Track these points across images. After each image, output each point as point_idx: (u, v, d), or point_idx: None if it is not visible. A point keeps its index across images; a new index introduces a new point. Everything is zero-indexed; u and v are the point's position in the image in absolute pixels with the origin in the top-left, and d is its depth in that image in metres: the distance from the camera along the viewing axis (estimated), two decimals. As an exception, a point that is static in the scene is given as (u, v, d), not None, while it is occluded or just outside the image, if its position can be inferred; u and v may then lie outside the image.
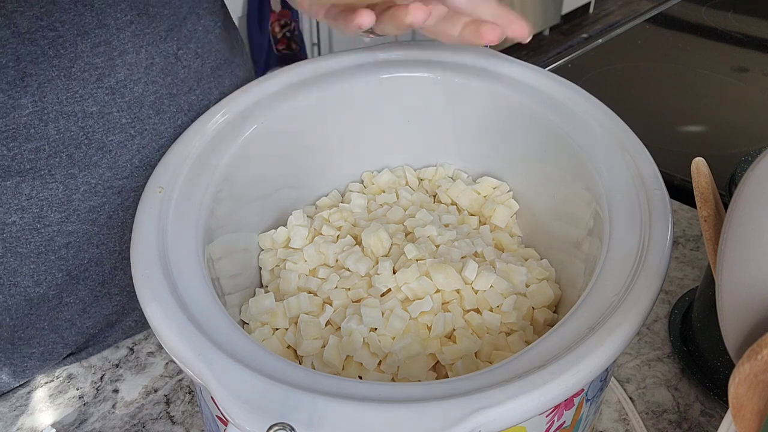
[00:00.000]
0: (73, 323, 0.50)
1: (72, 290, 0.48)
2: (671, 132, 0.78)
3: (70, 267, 0.47)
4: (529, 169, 0.47)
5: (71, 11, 0.41)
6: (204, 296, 0.33)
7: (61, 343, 0.50)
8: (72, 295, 0.48)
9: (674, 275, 0.56)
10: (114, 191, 0.46)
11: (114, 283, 0.50)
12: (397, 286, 0.40)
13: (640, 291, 0.32)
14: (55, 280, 0.47)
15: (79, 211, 0.45)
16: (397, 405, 0.28)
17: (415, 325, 0.38)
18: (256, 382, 0.28)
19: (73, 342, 0.50)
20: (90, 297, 0.49)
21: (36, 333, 0.49)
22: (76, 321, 0.50)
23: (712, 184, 0.33)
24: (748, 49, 0.96)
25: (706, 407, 0.47)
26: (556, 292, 0.42)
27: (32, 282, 0.46)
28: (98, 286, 0.49)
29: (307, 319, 0.39)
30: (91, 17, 0.42)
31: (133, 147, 0.46)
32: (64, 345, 0.50)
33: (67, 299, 0.48)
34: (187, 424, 0.46)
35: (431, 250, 0.42)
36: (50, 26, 0.41)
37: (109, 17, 0.43)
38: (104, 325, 0.51)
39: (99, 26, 0.43)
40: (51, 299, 0.48)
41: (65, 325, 0.49)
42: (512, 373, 0.29)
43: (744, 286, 0.27)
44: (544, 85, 0.45)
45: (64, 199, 0.44)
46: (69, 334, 0.50)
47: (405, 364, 0.37)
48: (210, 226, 0.38)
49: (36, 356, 0.49)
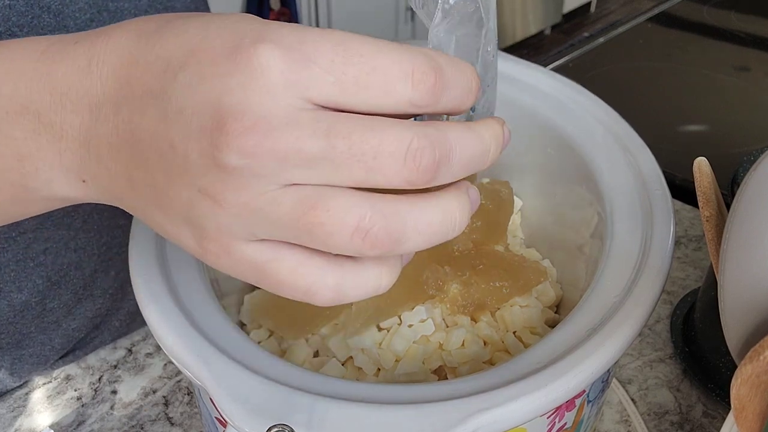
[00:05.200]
0: (59, 326, 0.49)
1: (54, 295, 0.48)
2: (673, 131, 0.78)
3: (50, 272, 0.47)
4: (530, 169, 0.47)
5: (28, 14, 0.40)
6: (203, 297, 0.33)
7: (48, 345, 0.50)
8: (55, 300, 0.48)
9: (676, 275, 0.56)
10: None
11: (96, 285, 0.50)
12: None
13: (642, 291, 0.32)
14: (36, 286, 0.47)
15: (54, 217, 0.45)
16: (397, 406, 0.27)
17: (420, 341, 0.38)
18: (255, 384, 0.28)
19: (60, 345, 0.50)
20: (73, 300, 0.49)
21: (22, 338, 0.48)
22: (62, 324, 0.50)
23: (715, 183, 0.33)
24: (750, 49, 0.95)
25: (708, 408, 0.46)
26: (557, 293, 0.42)
27: (14, 288, 0.46)
28: (80, 290, 0.49)
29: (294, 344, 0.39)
30: (49, 19, 0.41)
31: None
32: (52, 348, 0.50)
33: (51, 304, 0.48)
34: (186, 425, 0.46)
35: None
36: (9, 31, 0.39)
37: (68, 18, 0.41)
38: (90, 328, 0.51)
39: (58, 28, 0.41)
40: (34, 306, 0.47)
41: (51, 328, 0.49)
42: (513, 374, 0.29)
43: (746, 287, 0.27)
44: (546, 84, 0.45)
45: None
46: (56, 337, 0.50)
47: (406, 376, 0.37)
48: (209, 227, 0.38)
49: (26, 359, 0.49)
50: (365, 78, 0.21)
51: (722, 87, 0.87)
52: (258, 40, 0.21)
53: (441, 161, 0.21)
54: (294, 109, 0.20)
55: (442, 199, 0.22)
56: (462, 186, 0.23)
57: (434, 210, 0.22)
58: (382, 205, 0.21)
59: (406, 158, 0.20)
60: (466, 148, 0.22)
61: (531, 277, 0.40)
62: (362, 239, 0.21)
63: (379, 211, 0.21)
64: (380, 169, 0.20)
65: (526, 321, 0.39)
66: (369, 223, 0.20)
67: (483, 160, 0.23)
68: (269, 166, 0.20)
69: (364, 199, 0.21)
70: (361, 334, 0.37)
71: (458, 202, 0.22)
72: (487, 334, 0.38)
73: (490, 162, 0.23)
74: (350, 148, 0.20)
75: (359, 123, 0.21)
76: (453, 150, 0.21)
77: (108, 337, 0.53)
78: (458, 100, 0.23)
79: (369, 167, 0.20)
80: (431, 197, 0.22)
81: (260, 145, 0.20)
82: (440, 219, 0.22)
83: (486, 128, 0.23)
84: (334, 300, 0.22)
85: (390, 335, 0.38)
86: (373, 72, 0.21)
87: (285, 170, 0.20)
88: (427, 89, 0.21)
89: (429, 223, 0.22)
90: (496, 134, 0.23)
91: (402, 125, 0.21)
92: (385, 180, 0.21)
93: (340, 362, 0.38)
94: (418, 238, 0.22)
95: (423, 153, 0.21)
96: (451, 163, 0.21)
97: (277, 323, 0.39)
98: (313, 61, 0.20)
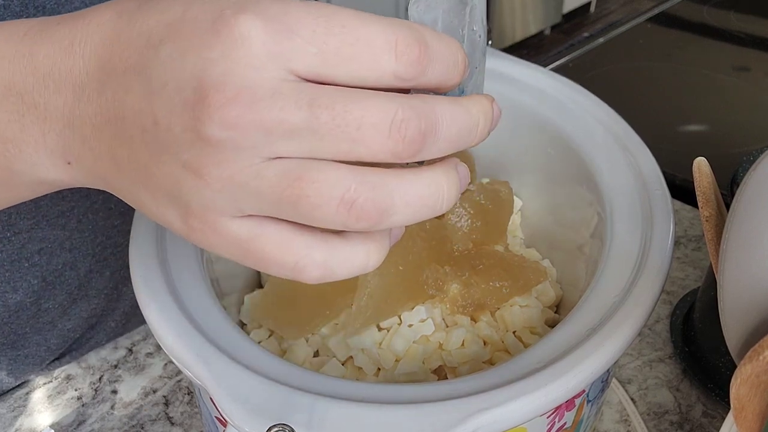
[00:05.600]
0: (54, 326, 0.49)
1: (49, 295, 0.48)
2: (673, 131, 0.78)
3: (44, 272, 0.47)
4: (530, 169, 0.47)
5: (23, 14, 0.39)
6: (203, 297, 0.33)
7: (44, 346, 0.50)
8: (50, 300, 0.48)
9: (676, 275, 0.56)
10: (82, 195, 0.45)
11: (91, 285, 0.50)
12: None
13: (642, 291, 0.32)
14: (31, 286, 0.47)
15: (49, 217, 0.45)
16: (397, 406, 0.28)
17: (420, 341, 0.38)
18: (255, 383, 0.28)
19: (56, 345, 0.50)
20: (68, 301, 0.49)
21: (18, 339, 0.48)
22: (57, 324, 0.49)
23: (714, 183, 0.33)
24: (749, 49, 0.95)
25: (708, 408, 0.46)
26: (557, 293, 0.42)
27: (9, 288, 0.46)
28: (75, 290, 0.49)
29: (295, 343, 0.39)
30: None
31: None
32: (48, 349, 0.50)
33: (46, 304, 0.48)
34: (186, 425, 0.46)
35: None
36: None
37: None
38: (85, 328, 0.51)
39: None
40: (29, 306, 0.47)
41: (47, 328, 0.49)
42: (513, 374, 0.29)
43: (746, 287, 0.27)
44: (545, 84, 0.45)
45: (32, 206, 0.43)
46: (51, 337, 0.50)
47: (405, 376, 0.37)
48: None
49: (21, 359, 0.49)
50: (348, 49, 0.20)
51: (722, 87, 0.87)
52: (239, 11, 0.20)
53: (427, 133, 0.21)
54: (277, 81, 0.20)
55: (430, 172, 0.22)
56: (451, 161, 0.23)
57: (422, 183, 0.21)
58: (369, 177, 0.21)
59: (390, 129, 0.20)
60: (454, 122, 0.22)
61: (531, 277, 0.40)
62: (348, 211, 0.20)
63: (365, 182, 0.20)
64: (364, 141, 0.20)
65: (526, 321, 0.39)
66: (355, 194, 0.20)
67: (471, 135, 0.23)
68: (252, 138, 0.20)
69: (349, 171, 0.20)
70: (361, 334, 0.37)
71: (447, 177, 0.22)
72: (487, 334, 0.38)
73: (479, 138, 0.23)
74: (333, 119, 0.20)
75: (342, 94, 0.20)
76: (439, 122, 0.21)
77: (104, 337, 0.53)
78: (444, 75, 0.22)
79: (353, 138, 0.20)
80: (419, 170, 0.22)
81: (243, 116, 0.20)
82: (428, 192, 0.22)
83: (474, 103, 0.23)
84: (322, 277, 0.22)
85: (390, 335, 0.38)
86: (356, 43, 0.20)
87: (269, 142, 0.20)
88: (412, 61, 0.21)
89: (417, 196, 0.21)
90: (485, 110, 0.23)
91: (386, 96, 0.21)
92: (369, 152, 0.20)
93: (340, 362, 0.38)
94: (406, 211, 0.21)
95: (408, 124, 0.20)
96: (438, 136, 0.21)
97: (277, 323, 0.39)
98: (295, 32, 0.20)
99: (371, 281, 0.37)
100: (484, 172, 0.49)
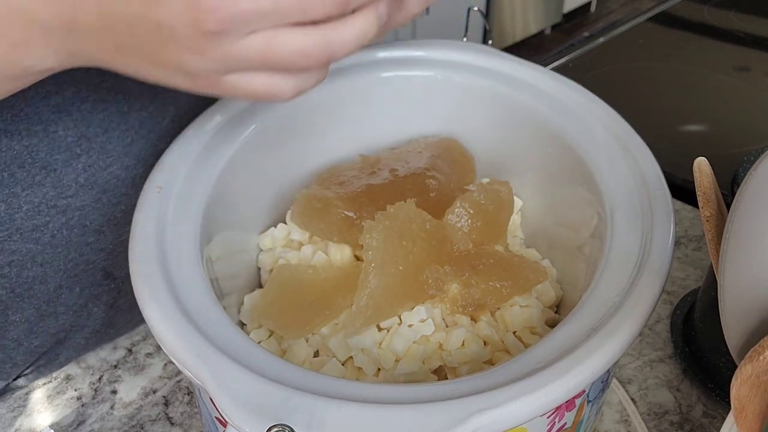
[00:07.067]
0: (20, 343, 0.49)
1: (17, 308, 0.47)
2: (673, 131, 0.78)
3: (13, 285, 0.46)
4: (530, 168, 0.47)
5: None
6: (203, 297, 0.33)
7: (9, 363, 0.49)
8: (17, 313, 0.47)
9: (676, 275, 0.56)
10: (58, 210, 0.45)
11: (60, 301, 0.49)
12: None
13: (642, 291, 0.32)
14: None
15: (22, 230, 0.44)
16: (398, 406, 0.28)
17: (419, 341, 0.38)
18: (255, 384, 0.28)
19: (22, 361, 0.49)
20: (36, 316, 0.48)
21: None
22: (23, 341, 0.49)
23: (715, 183, 0.33)
24: (750, 48, 0.95)
25: (708, 408, 0.46)
26: (557, 293, 0.42)
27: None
28: (43, 305, 0.48)
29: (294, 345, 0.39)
30: None
31: (78, 166, 0.44)
32: (13, 365, 0.49)
33: (13, 317, 0.47)
34: (186, 425, 0.46)
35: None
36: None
37: None
38: (53, 344, 0.50)
39: None
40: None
41: (12, 345, 0.48)
42: (513, 374, 0.29)
43: (746, 287, 0.27)
44: (545, 84, 0.45)
45: (7, 218, 0.43)
46: (17, 354, 0.49)
47: (405, 376, 0.37)
48: (209, 227, 0.38)
49: None
50: None
51: (722, 87, 0.87)
52: None
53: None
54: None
55: (355, 19, 0.30)
56: (371, 7, 0.30)
57: (351, 28, 0.30)
58: (316, 34, 0.29)
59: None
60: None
61: (531, 277, 0.40)
62: (306, 59, 0.29)
63: (314, 38, 0.29)
64: (313, 9, 0.28)
65: (526, 321, 0.39)
66: (309, 49, 0.29)
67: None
68: (238, 24, 0.27)
69: (303, 34, 0.29)
70: (361, 334, 0.37)
71: (366, 20, 0.30)
72: (487, 334, 0.38)
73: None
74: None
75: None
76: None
77: (73, 353, 0.52)
78: None
79: (304, 10, 0.28)
80: (348, 20, 0.29)
81: (231, 11, 0.27)
82: (355, 34, 0.30)
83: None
84: (294, 94, 0.31)
85: (390, 335, 0.38)
86: None
87: (249, 24, 0.27)
88: None
89: (349, 39, 0.30)
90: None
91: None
92: (316, 14, 0.28)
93: (340, 362, 0.38)
94: (343, 50, 0.30)
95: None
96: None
97: (277, 323, 0.39)
98: None
99: (371, 281, 0.37)
100: (484, 172, 0.49)
